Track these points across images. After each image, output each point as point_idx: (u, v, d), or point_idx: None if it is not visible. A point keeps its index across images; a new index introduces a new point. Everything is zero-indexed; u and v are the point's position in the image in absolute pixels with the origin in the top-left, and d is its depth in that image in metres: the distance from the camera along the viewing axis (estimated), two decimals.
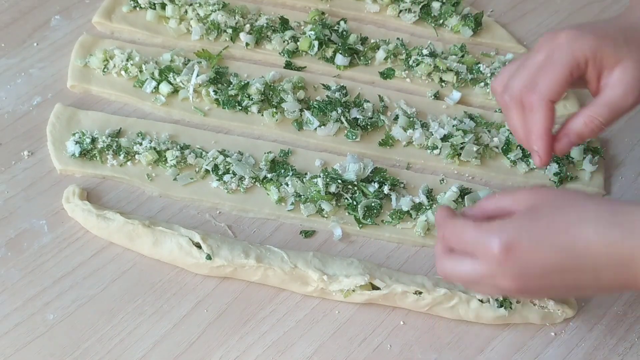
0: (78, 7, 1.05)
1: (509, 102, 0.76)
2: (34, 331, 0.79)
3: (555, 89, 0.73)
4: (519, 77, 0.75)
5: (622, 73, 0.73)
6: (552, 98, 0.74)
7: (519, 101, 0.75)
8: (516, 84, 0.75)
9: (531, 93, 0.74)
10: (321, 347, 0.80)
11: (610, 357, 0.82)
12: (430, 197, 0.90)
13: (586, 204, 0.67)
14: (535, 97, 0.74)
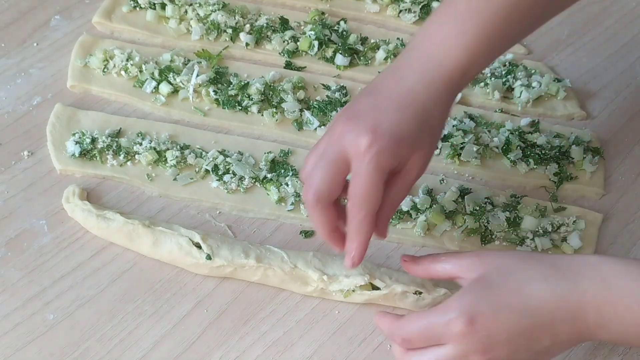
0: (78, 7, 1.05)
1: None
2: (34, 331, 0.78)
3: (324, 189, 0.70)
4: (304, 168, 0.73)
5: (414, 163, 0.72)
6: (321, 198, 0.70)
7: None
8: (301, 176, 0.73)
9: (306, 191, 0.71)
10: (321, 347, 0.80)
11: (610, 357, 0.82)
12: (431, 197, 0.90)
13: (531, 263, 0.69)
14: (309, 197, 0.71)
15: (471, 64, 0.73)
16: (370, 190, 0.69)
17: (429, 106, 0.71)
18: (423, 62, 0.72)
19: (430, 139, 0.72)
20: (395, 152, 0.69)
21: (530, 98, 1.00)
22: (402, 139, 0.69)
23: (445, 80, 0.72)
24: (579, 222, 0.90)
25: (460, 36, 0.71)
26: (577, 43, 1.09)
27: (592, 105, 1.03)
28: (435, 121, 0.72)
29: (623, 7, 1.14)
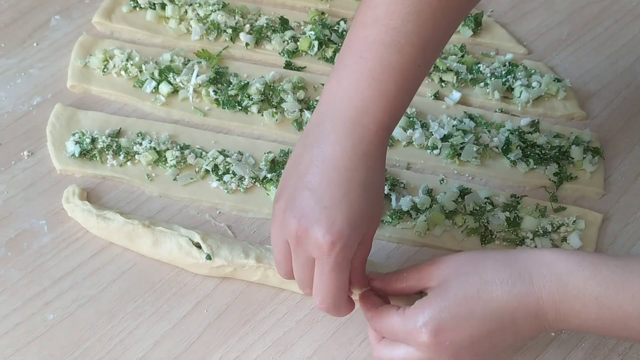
0: (78, 7, 1.05)
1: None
2: (34, 331, 0.78)
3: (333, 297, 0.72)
4: None
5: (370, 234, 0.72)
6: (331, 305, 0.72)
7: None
8: None
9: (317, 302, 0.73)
10: (321, 347, 0.80)
11: (610, 357, 0.82)
12: (431, 197, 0.90)
13: (485, 264, 0.70)
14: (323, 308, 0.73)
15: (393, 120, 0.72)
16: (338, 285, 0.70)
17: (369, 177, 0.69)
18: (350, 132, 0.69)
19: (377, 206, 0.71)
20: (355, 239, 0.69)
21: (530, 98, 1.00)
22: (357, 225, 0.68)
23: (376, 144, 0.70)
24: (578, 222, 0.90)
25: (381, 97, 0.69)
26: (577, 43, 1.09)
27: (592, 105, 1.03)
28: (378, 187, 0.71)
29: (623, 7, 1.14)
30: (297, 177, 0.69)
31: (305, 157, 0.70)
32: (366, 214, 0.69)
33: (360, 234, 0.69)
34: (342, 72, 0.71)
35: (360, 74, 0.69)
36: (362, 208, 0.68)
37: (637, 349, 0.82)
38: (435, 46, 0.73)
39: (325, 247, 0.67)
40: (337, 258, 0.68)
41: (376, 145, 0.70)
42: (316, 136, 0.70)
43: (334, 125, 0.69)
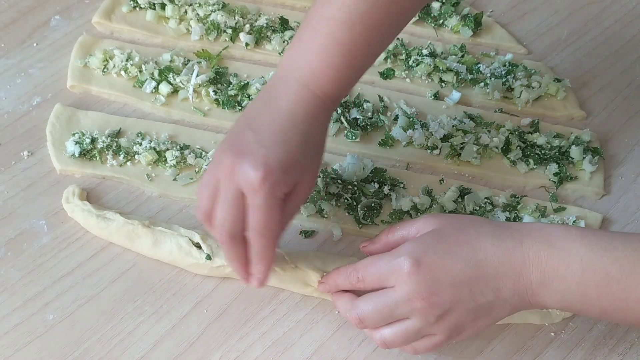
0: (78, 7, 1.05)
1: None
2: (34, 331, 0.78)
3: (235, 227, 0.74)
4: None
5: (303, 186, 0.76)
6: (236, 236, 0.74)
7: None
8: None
9: (219, 232, 0.75)
10: (321, 347, 0.80)
11: (609, 357, 0.82)
12: (430, 197, 0.90)
13: (482, 223, 0.75)
14: (225, 238, 0.75)
15: (340, 90, 0.77)
16: (269, 221, 0.73)
17: (310, 133, 0.75)
18: (298, 92, 0.75)
19: (314, 161, 0.77)
20: (286, 182, 0.73)
21: (530, 98, 1.00)
22: (290, 168, 0.73)
23: (320, 108, 0.76)
24: (578, 222, 0.90)
25: (329, 69, 0.75)
26: (577, 43, 1.09)
27: (591, 105, 1.03)
28: (317, 145, 0.77)
29: (623, 7, 1.14)
30: (245, 123, 0.75)
31: (256, 108, 0.76)
32: (300, 163, 0.74)
33: (291, 179, 0.73)
34: (298, 44, 0.77)
35: (313, 46, 0.75)
36: (297, 156, 0.73)
37: (638, 348, 0.82)
38: (389, 28, 0.78)
39: (256, 182, 0.70)
40: (267, 194, 0.71)
41: (320, 109, 0.76)
42: (270, 94, 0.76)
43: (286, 87, 0.75)
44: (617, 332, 0.83)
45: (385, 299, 0.73)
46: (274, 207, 0.73)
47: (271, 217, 0.73)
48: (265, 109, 0.75)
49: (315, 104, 0.75)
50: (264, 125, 0.74)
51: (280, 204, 0.73)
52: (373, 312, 0.74)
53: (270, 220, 0.73)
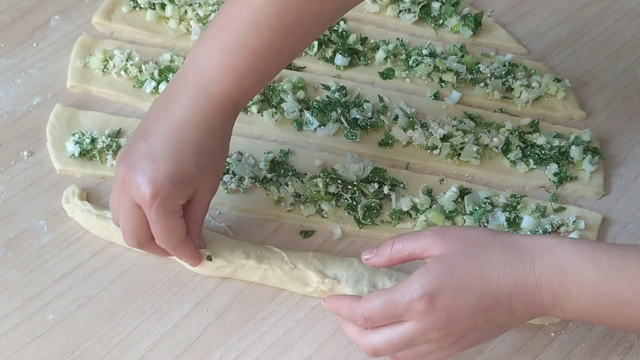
0: (78, 7, 1.05)
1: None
2: (34, 331, 0.78)
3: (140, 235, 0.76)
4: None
5: (204, 192, 0.76)
6: (143, 243, 0.77)
7: None
8: None
9: (127, 240, 0.78)
10: (321, 347, 0.80)
11: (609, 357, 0.82)
12: (430, 197, 0.90)
13: (492, 245, 0.71)
14: (133, 245, 0.78)
15: (243, 95, 0.75)
16: (169, 231, 0.74)
17: (206, 142, 0.73)
18: (194, 97, 0.72)
19: (213, 170, 0.75)
20: (178, 195, 0.72)
21: (530, 98, 1.00)
22: (181, 182, 0.72)
23: (219, 113, 0.73)
24: (578, 222, 0.90)
25: (231, 72, 0.72)
26: (577, 43, 1.09)
27: (591, 106, 1.03)
28: (215, 153, 0.75)
29: (623, 7, 1.14)
30: (141, 130, 0.74)
31: (154, 111, 0.74)
32: (194, 174, 0.72)
33: (183, 192, 0.73)
34: (204, 40, 0.74)
35: (216, 46, 0.72)
36: (189, 168, 0.72)
37: (637, 348, 0.82)
38: (300, 36, 0.74)
39: (147, 198, 0.71)
40: (158, 209, 0.72)
41: (219, 114, 0.73)
42: (168, 94, 0.74)
43: (184, 88, 0.73)
44: (617, 332, 0.83)
45: (400, 334, 0.70)
46: (170, 219, 0.73)
47: (169, 228, 0.74)
48: (161, 115, 0.73)
49: (212, 109, 0.73)
50: (157, 135, 0.72)
51: (176, 214, 0.74)
52: (387, 346, 0.71)
53: (169, 230, 0.74)
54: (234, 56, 0.72)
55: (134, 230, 0.75)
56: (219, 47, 0.72)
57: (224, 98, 0.73)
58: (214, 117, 0.73)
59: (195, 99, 0.72)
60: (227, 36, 0.72)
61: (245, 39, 0.71)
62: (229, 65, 0.72)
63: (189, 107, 0.72)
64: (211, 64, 0.72)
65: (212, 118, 0.73)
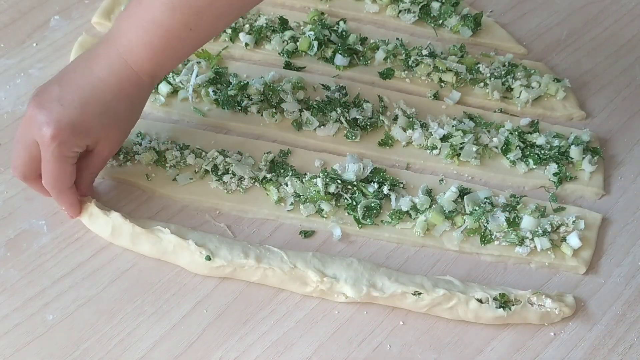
0: (77, 7, 1.05)
1: None
2: (34, 331, 0.78)
3: (25, 170, 0.81)
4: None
5: (103, 147, 0.81)
6: (26, 177, 0.81)
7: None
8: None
9: (13, 169, 0.82)
10: (320, 347, 0.80)
11: (609, 357, 0.82)
12: (430, 197, 0.90)
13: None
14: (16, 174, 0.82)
15: (158, 69, 0.79)
16: (58, 174, 0.79)
17: (114, 104, 0.78)
18: (113, 60, 0.77)
19: (116, 130, 0.80)
20: (77, 143, 0.77)
21: (530, 98, 1.00)
22: (83, 132, 0.77)
23: (133, 82, 0.78)
24: (578, 222, 0.90)
25: (146, 47, 0.77)
26: (577, 43, 1.09)
27: (591, 106, 1.03)
28: (122, 116, 0.80)
29: (622, 7, 1.14)
30: (61, 75, 0.78)
31: (77, 62, 0.79)
32: (95, 129, 0.78)
33: (81, 142, 0.78)
34: (129, 11, 0.77)
35: (135, 21, 0.76)
36: (92, 122, 0.77)
37: (637, 348, 0.82)
38: (214, 17, 0.77)
39: (46, 137, 0.75)
40: (54, 152, 0.76)
41: (132, 83, 0.78)
42: (94, 51, 0.79)
43: (106, 51, 0.78)
44: (616, 331, 0.84)
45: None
46: (63, 163, 0.77)
47: (59, 171, 0.78)
48: (81, 67, 0.78)
49: (127, 77, 0.77)
50: (72, 84, 0.76)
51: (70, 160, 0.78)
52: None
53: (58, 174, 0.78)
54: (149, 34, 0.76)
55: (24, 163, 0.79)
56: (137, 23, 0.76)
57: (139, 69, 0.77)
58: (128, 84, 0.78)
59: (113, 63, 0.77)
60: (144, 14, 0.76)
61: (161, 19, 0.75)
62: (144, 41, 0.76)
63: (106, 69, 0.77)
64: (129, 35, 0.77)
65: (125, 84, 0.78)
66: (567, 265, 0.88)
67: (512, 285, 0.86)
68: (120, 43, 0.77)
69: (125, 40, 0.77)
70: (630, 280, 0.88)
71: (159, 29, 0.76)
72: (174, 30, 0.76)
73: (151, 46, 0.76)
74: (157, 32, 0.76)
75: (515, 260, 0.88)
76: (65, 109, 0.76)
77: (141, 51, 0.77)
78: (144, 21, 0.76)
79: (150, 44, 0.76)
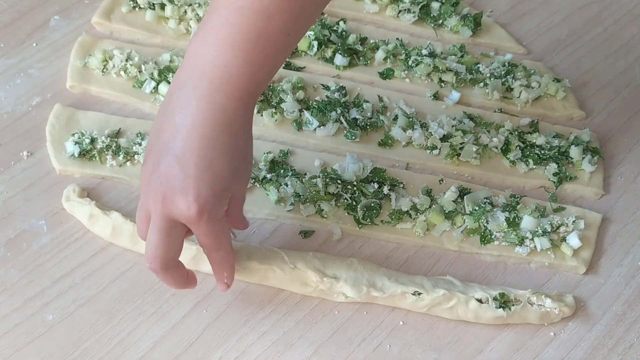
0: (77, 7, 1.05)
1: None
2: (33, 332, 0.78)
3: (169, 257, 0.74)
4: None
5: (240, 190, 0.75)
6: (169, 266, 0.74)
7: None
8: None
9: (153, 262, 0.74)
10: (321, 347, 0.80)
11: (609, 357, 0.82)
12: (430, 197, 0.90)
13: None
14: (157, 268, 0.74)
15: (259, 86, 0.71)
16: (219, 238, 0.73)
17: (232, 143, 0.70)
18: (211, 100, 0.68)
19: (245, 167, 0.73)
20: (222, 204, 0.71)
21: (530, 98, 1.00)
22: (222, 190, 0.70)
23: (238, 110, 0.69)
24: (578, 222, 0.90)
25: (245, 65, 0.68)
26: (577, 43, 1.09)
27: (591, 105, 1.03)
28: (244, 151, 0.72)
29: (622, 7, 1.14)
30: (164, 143, 0.69)
31: (169, 122, 0.69)
32: (231, 179, 0.70)
33: (226, 198, 0.71)
34: (207, 35, 0.69)
35: (224, 40, 0.68)
36: (226, 176, 0.70)
37: (637, 348, 0.82)
38: (308, 16, 0.72)
39: (194, 217, 0.69)
40: (208, 224, 0.70)
41: (240, 112, 0.70)
42: (180, 100, 0.69)
43: (196, 92, 0.68)
44: (616, 331, 0.84)
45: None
46: (219, 227, 0.72)
47: (219, 234, 0.73)
48: (179, 125, 0.68)
49: (233, 108, 0.69)
50: (185, 150, 0.68)
51: (222, 219, 0.72)
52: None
53: (219, 237, 0.73)
54: (248, 49, 0.68)
55: (168, 250, 0.72)
56: (230, 41, 0.68)
57: (242, 93, 0.69)
58: (237, 116, 0.69)
59: (214, 101, 0.68)
60: (236, 27, 0.67)
61: (258, 29, 0.67)
62: (244, 58, 0.68)
63: (209, 111, 0.68)
64: (223, 59, 0.68)
65: (234, 117, 0.69)
66: (567, 265, 0.88)
67: (512, 285, 0.86)
68: (213, 73, 0.68)
69: (219, 67, 0.68)
70: (630, 280, 0.88)
71: (259, 40, 0.68)
72: (273, 38, 0.68)
73: (252, 62, 0.68)
74: (256, 44, 0.67)
75: (515, 260, 0.88)
76: (197, 180, 0.68)
77: (242, 71, 0.68)
78: (240, 35, 0.67)
79: (251, 59, 0.68)
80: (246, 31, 0.67)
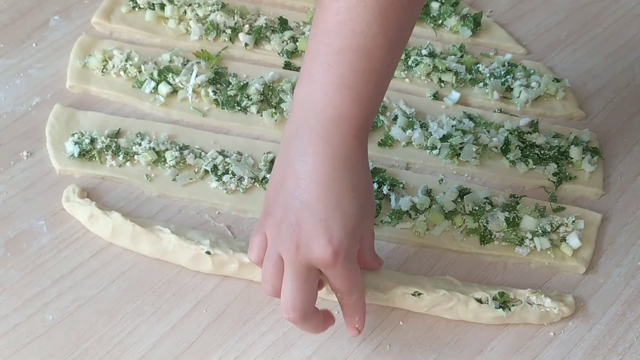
0: (77, 7, 1.05)
1: None
2: (33, 332, 0.78)
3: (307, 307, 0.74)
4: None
5: (369, 227, 0.76)
6: (308, 315, 0.74)
7: None
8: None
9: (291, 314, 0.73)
10: (320, 347, 0.80)
11: (609, 357, 0.82)
12: (430, 197, 0.90)
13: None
14: (297, 320, 0.74)
15: (370, 120, 0.73)
16: (354, 280, 0.73)
17: (356, 180, 0.71)
18: (328, 139, 0.70)
19: (369, 204, 0.73)
20: (355, 241, 0.71)
21: (529, 98, 1.00)
22: (353, 229, 0.70)
23: (356, 147, 0.71)
24: (578, 222, 0.90)
25: (355, 103, 0.70)
26: (576, 43, 1.09)
27: (591, 105, 1.03)
28: (367, 186, 0.73)
29: (622, 7, 1.14)
30: (288, 192, 0.70)
31: (289, 171, 0.71)
32: (359, 216, 0.71)
33: (357, 237, 0.72)
34: (312, 82, 0.71)
35: (331, 83, 0.70)
36: (355, 213, 0.70)
37: (637, 348, 0.82)
38: (401, 43, 0.73)
39: (330, 260, 0.69)
40: (343, 266, 0.70)
41: (356, 148, 0.71)
42: (296, 148, 0.71)
43: (311, 137, 0.70)
44: (616, 331, 0.84)
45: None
46: (354, 268, 0.72)
47: (353, 276, 0.73)
48: (300, 172, 0.70)
49: (349, 146, 0.70)
50: (311, 195, 0.69)
51: (356, 260, 0.73)
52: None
53: (353, 279, 0.73)
54: (354, 87, 0.70)
55: (306, 300, 0.72)
56: (336, 83, 0.70)
57: (355, 130, 0.71)
58: (354, 153, 0.71)
59: (330, 144, 0.70)
60: (340, 69, 0.69)
61: (360, 66, 0.69)
62: (352, 97, 0.70)
63: (327, 153, 0.70)
64: (333, 102, 0.70)
65: (352, 154, 0.71)
66: (566, 265, 0.88)
67: (512, 285, 0.86)
68: (326, 117, 0.70)
69: (330, 110, 0.70)
70: (630, 280, 0.88)
71: (363, 77, 0.69)
72: (374, 73, 0.70)
73: (360, 99, 0.70)
74: (361, 81, 0.69)
75: (515, 260, 0.88)
76: (328, 221, 0.69)
77: (353, 110, 0.70)
78: (345, 78, 0.69)
79: (359, 97, 0.70)
80: (350, 71, 0.69)
